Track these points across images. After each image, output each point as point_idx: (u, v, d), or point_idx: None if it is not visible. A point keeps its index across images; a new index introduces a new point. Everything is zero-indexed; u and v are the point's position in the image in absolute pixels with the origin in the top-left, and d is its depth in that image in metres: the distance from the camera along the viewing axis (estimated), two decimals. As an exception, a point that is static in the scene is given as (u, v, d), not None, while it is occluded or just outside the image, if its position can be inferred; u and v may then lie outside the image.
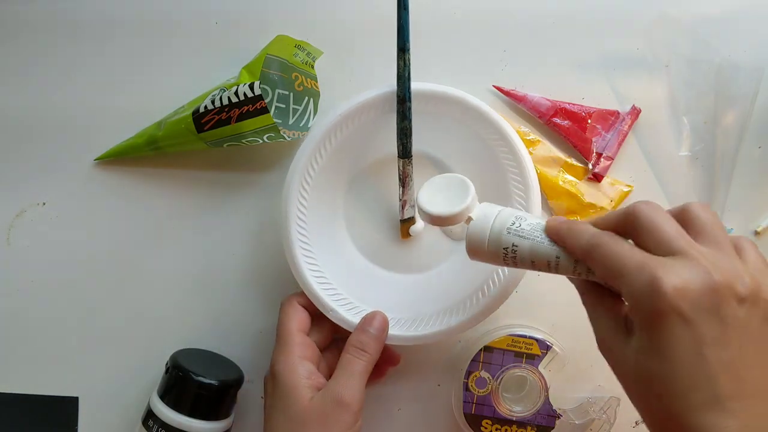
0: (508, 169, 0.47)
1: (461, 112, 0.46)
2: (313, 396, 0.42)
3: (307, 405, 0.42)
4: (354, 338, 0.45)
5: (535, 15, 0.51)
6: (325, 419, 0.41)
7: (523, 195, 0.46)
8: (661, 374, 0.30)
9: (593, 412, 0.48)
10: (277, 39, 0.47)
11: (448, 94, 0.46)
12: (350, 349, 0.44)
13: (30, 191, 0.51)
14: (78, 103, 0.51)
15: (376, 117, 0.46)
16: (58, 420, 0.51)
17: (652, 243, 0.31)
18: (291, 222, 0.46)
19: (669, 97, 0.51)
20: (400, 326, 0.46)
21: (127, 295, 0.51)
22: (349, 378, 0.43)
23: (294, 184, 0.46)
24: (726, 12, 0.51)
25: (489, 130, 0.46)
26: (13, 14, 0.51)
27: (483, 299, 0.46)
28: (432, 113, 0.47)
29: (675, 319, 0.29)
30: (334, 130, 0.46)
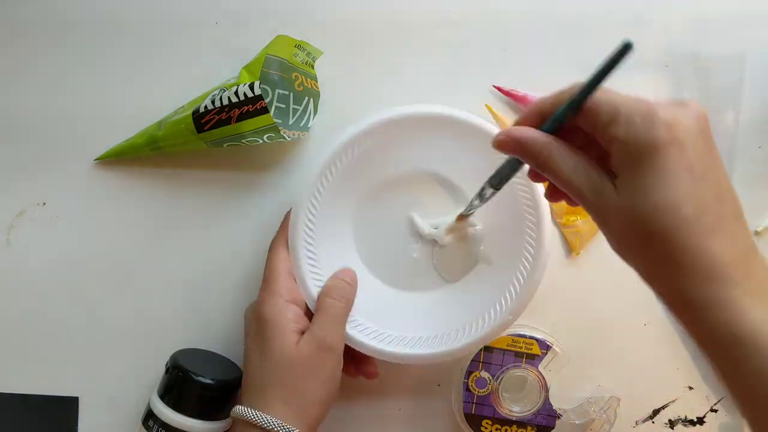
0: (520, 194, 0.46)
1: (464, 132, 0.46)
2: (299, 340, 0.42)
3: (294, 349, 0.41)
4: (332, 285, 0.45)
5: (535, 15, 0.51)
6: (312, 363, 0.41)
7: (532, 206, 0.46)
8: (665, 205, 0.29)
9: (593, 412, 0.48)
10: (277, 39, 0.47)
11: (450, 115, 0.45)
12: (330, 292, 0.44)
13: (30, 191, 0.51)
14: (78, 103, 0.51)
15: (386, 137, 0.46)
16: (58, 420, 0.51)
17: None
18: (299, 240, 0.45)
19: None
20: (404, 345, 0.46)
21: (127, 295, 0.51)
22: (333, 323, 0.43)
23: (303, 203, 0.45)
24: (711, 9, 0.51)
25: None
26: (14, 14, 0.51)
27: (492, 319, 0.46)
28: (436, 134, 0.46)
29: (672, 144, 0.29)
30: (344, 150, 0.45)
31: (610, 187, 0.31)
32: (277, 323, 0.42)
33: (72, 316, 0.51)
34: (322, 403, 0.42)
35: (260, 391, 0.42)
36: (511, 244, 0.47)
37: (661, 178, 0.29)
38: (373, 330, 0.47)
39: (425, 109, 0.45)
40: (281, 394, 0.41)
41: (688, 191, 0.29)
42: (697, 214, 0.29)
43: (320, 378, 0.42)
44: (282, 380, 0.41)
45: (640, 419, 0.51)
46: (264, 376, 0.42)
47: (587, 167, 0.32)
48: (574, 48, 0.51)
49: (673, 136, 0.29)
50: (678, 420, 0.51)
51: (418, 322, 0.48)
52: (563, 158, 0.32)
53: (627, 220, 0.30)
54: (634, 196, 0.30)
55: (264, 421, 0.40)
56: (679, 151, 0.29)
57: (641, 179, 0.30)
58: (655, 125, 0.29)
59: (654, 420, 0.51)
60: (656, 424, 0.51)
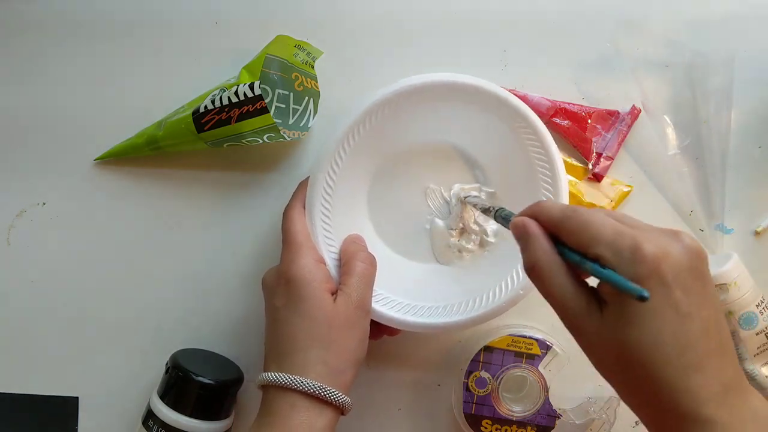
0: (534, 160, 0.46)
1: (488, 103, 0.45)
2: (335, 299, 0.41)
3: (332, 309, 0.41)
4: (357, 249, 0.45)
5: (535, 15, 0.51)
6: (350, 323, 0.41)
7: (550, 180, 0.46)
8: (647, 340, 0.30)
9: (593, 412, 0.48)
10: (277, 39, 0.47)
11: (477, 85, 0.45)
12: (361, 256, 0.44)
13: (30, 191, 0.51)
14: (78, 103, 0.51)
15: (406, 107, 0.45)
16: (58, 420, 0.51)
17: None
18: (316, 207, 0.44)
19: (667, 96, 0.51)
20: (414, 313, 0.46)
21: (127, 295, 0.51)
22: (365, 285, 0.43)
23: (322, 169, 0.44)
24: (710, 10, 0.51)
25: (518, 122, 0.46)
26: (13, 14, 0.51)
27: (503, 294, 0.46)
28: (460, 104, 0.46)
29: (657, 282, 0.29)
30: (364, 118, 0.44)
31: (596, 313, 0.31)
32: (311, 283, 0.41)
33: (72, 316, 0.51)
34: (357, 362, 0.42)
35: (294, 352, 0.40)
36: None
37: (647, 315, 0.29)
38: (390, 299, 0.47)
39: (448, 78, 0.44)
40: (321, 355, 0.40)
41: (671, 329, 0.29)
42: (679, 351, 0.29)
43: (357, 336, 0.42)
44: (322, 339, 0.40)
45: (640, 419, 0.51)
46: (301, 337, 0.40)
47: (577, 290, 0.32)
48: (573, 48, 0.51)
49: (659, 273, 0.29)
50: (678, 420, 0.51)
51: (432, 292, 0.48)
52: (557, 275, 0.32)
53: (609, 349, 0.31)
54: (618, 327, 0.30)
55: (304, 385, 0.39)
56: (664, 289, 0.29)
57: (626, 311, 0.30)
58: (640, 261, 0.29)
59: (654, 420, 0.51)
60: (656, 424, 0.51)
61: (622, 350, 0.30)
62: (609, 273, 0.30)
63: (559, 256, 0.33)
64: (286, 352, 0.41)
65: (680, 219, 0.52)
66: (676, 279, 0.29)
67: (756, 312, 0.48)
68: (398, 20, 0.51)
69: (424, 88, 0.44)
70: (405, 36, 0.51)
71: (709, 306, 0.31)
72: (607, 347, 0.31)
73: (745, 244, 0.52)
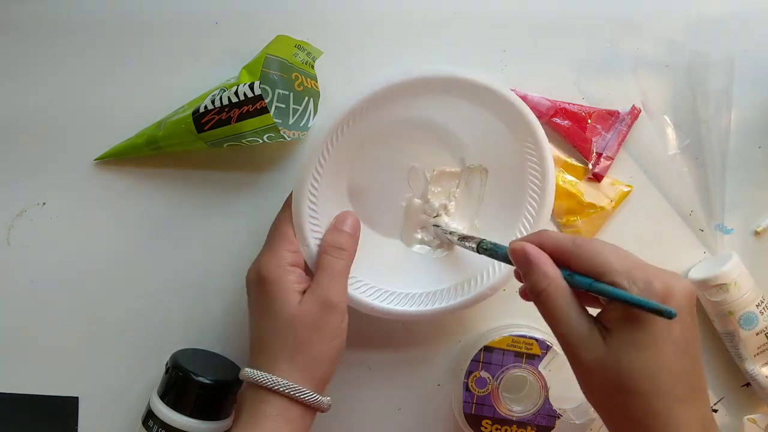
0: (527, 157, 0.46)
1: (484, 98, 0.45)
2: (301, 300, 0.42)
3: (297, 309, 0.41)
4: (330, 238, 0.44)
5: (535, 15, 0.51)
6: (315, 321, 0.41)
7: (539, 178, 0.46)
8: (647, 369, 0.32)
9: (593, 412, 0.48)
10: (277, 39, 0.47)
11: (472, 80, 0.44)
12: (328, 249, 0.44)
13: (30, 191, 0.51)
14: (78, 103, 0.51)
15: (393, 100, 0.44)
16: (58, 420, 0.51)
17: None
18: (303, 200, 0.43)
19: (667, 96, 0.51)
20: (406, 302, 0.46)
21: (126, 295, 0.51)
22: (332, 279, 0.42)
23: (310, 165, 0.43)
24: (700, 11, 0.51)
25: (512, 119, 0.45)
26: (13, 14, 0.51)
27: (489, 279, 0.46)
28: (454, 98, 0.45)
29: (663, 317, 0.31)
30: (350, 116, 0.43)
31: (599, 340, 0.33)
32: (279, 283, 0.42)
33: (72, 316, 0.51)
34: (329, 360, 0.42)
35: (265, 351, 0.42)
36: (515, 194, 0.47)
37: (649, 344, 0.32)
38: (375, 288, 0.47)
39: (434, 72, 0.43)
40: (287, 354, 0.41)
41: (669, 362, 0.32)
42: (673, 383, 0.32)
43: (325, 336, 0.41)
44: (286, 340, 0.41)
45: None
46: (268, 337, 0.42)
47: (581, 316, 0.34)
48: (573, 48, 0.51)
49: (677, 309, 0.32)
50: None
51: (420, 278, 0.48)
52: (562, 301, 0.34)
53: (607, 375, 0.33)
54: (620, 354, 0.32)
55: (270, 382, 0.40)
56: (668, 324, 0.32)
57: (630, 339, 0.32)
58: (652, 295, 0.32)
59: (654, 420, 0.51)
60: (656, 424, 0.51)
61: (620, 377, 0.32)
62: (634, 296, 0.32)
63: (566, 283, 0.34)
64: (258, 350, 0.42)
65: (680, 219, 0.52)
66: (679, 316, 0.32)
67: (756, 312, 0.48)
68: (398, 20, 0.51)
69: (411, 84, 0.42)
70: (405, 36, 0.51)
71: (696, 344, 0.33)
72: (606, 374, 0.33)
73: (745, 244, 0.52)
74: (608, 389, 0.33)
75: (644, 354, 0.32)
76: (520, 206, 0.47)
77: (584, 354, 0.33)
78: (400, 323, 0.51)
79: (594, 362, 0.33)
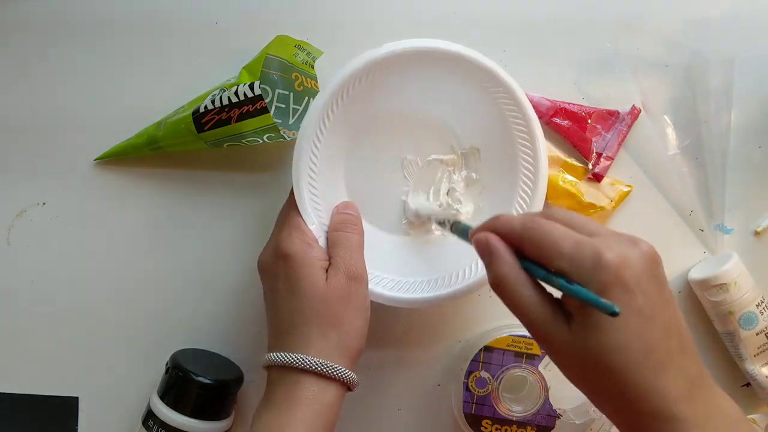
0: (517, 137, 0.47)
1: (470, 72, 0.45)
2: (326, 275, 0.42)
3: (324, 285, 0.41)
4: (339, 218, 0.45)
5: (535, 15, 0.51)
6: (345, 295, 0.41)
7: (531, 154, 0.47)
8: (615, 346, 0.31)
9: (593, 412, 0.48)
10: (277, 39, 0.47)
11: (460, 54, 0.44)
12: (341, 226, 0.44)
13: (30, 191, 0.51)
14: (78, 103, 0.51)
15: (387, 75, 0.45)
16: (58, 420, 0.51)
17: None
18: (303, 180, 0.44)
19: (667, 96, 0.51)
20: (405, 290, 0.46)
21: (126, 295, 0.51)
22: (352, 251, 0.43)
23: (307, 140, 0.44)
24: (700, 11, 0.51)
25: (500, 93, 0.46)
26: (13, 14, 0.51)
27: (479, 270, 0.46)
28: (441, 73, 0.46)
29: (620, 289, 0.30)
30: (346, 86, 0.44)
31: (563, 324, 0.32)
32: (306, 259, 0.41)
33: (72, 316, 0.51)
34: (359, 332, 0.42)
35: (294, 331, 0.41)
36: (509, 168, 0.47)
37: (611, 322, 0.30)
38: (376, 276, 0.46)
39: (427, 44, 0.44)
40: (319, 330, 0.40)
41: (637, 333, 0.31)
42: (645, 353, 0.31)
43: (354, 307, 0.41)
44: (318, 316, 0.40)
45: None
46: (297, 315, 0.41)
47: (543, 303, 0.33)
48: (572, 49, 0.51)
49: (622, 280, 0.30)
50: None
51: (415, 266, 0.48)
52: (522, 289, 0.33)
53: (578, 357, 0.32)
54: (585, 336, 0.31)
55: (305, 362, 0.39)
56: (627, 295, 0.30)
57: (592, 321, 0.31)
58: (603, 269, 0.30)
59: (654, 420, 0.51)
60: (656, 424, 0.51)
61: (590, 358, 0.31)
62: (578, 289, 0.31)
63: (523, 271, 0.33)
64: (287, 331, 0.41)
65: (680, 219, 0.52)
66: (638, 284, 0.31)
67: (756, 312, 0.48)
68: (398, 20, 0.51)
69: (405, 55, 0.44)
70: (405, 36, 0.51)
71: (668, 307, 0.32)
72: (576, 356, 0.32)
73: (745, 244, 0.52)
74: (583, 370, 0.32)
75: (608, 333, 0.31)
76: (516, 179, 0.47)
77: (551, 340, 0.33)
78: (400, 323, 0.51)
79: (563, 346, 0.32)
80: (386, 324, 0.51)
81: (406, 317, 0.51)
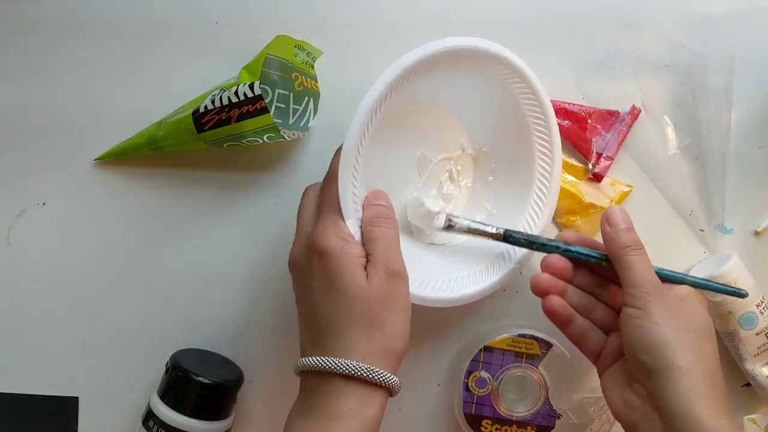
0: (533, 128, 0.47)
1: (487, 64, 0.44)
2: (367, 274, 0.39)
3: (366, 284, 0.38)
4: (373, 211, 0.41)
5: (535, 15, 0.51)
6: (386, 294, 0.38)
7: (548, 145, 0.47)
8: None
9: (593, 412, 0.48)
10: (277, 39, 0.47)
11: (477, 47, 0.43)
12: (375, 221, 0.41)
13: (30, 191, 0.51)
14: (78, 103, 0.51)
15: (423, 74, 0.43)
16: (58, 420, 0.51)
17: None
18: (347, 178, 0.40)
19: (667, 96, 0.51)
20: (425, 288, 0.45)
21: (127, 295, 0.51)
22: (390, 248, 0.40)
23: (354, 139, 0.40)
24: (700, 11, 0.51)
25: (517, 84, 0.46)
26: (13, 14, 0.51)
27: (515, 255, 0.47)
28: (461, 70, 0.45)
29: None
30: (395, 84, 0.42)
31: None
32: (345, 256, 0.38)
33: (72, 316, 0.51)
34: (403, 333, 0.39)
35: (335, 333, 0.38)
36: (524, 168, 0.48)
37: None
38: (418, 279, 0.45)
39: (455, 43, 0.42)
40: (363, 332, 0.37)
41: None
42: None
43: (398, 307, 0.39)
44: (362, 316, 0.37)
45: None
46: (338, 316, 0.38)
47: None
48: (572, 48, 0.51)
49: None
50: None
51: (431, 267, 0.47)
52: None
53: None
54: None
55: (350, 368, 0.36)
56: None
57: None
58: None
59: (654, 420, 0.51)
60: (656, 424, 0.51)
61: None
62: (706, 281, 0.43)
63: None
64: (326, 334, 0.38)
65: (680, 219, 0.52)
66: None
67: (756, 312, 0.48)
68: (398, 20, 0.51)
69: (451, 53, 0.42)
70: (405, 36, 0.51)
71: None
72: None
73: (745, 244, 0.52)
74: None
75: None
76: (531, 180, 0.47)
77: None
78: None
79: None
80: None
81: (406, 317, 0.51)
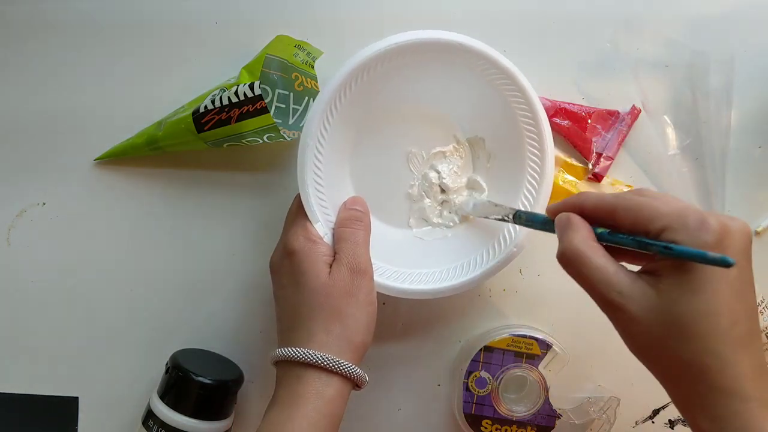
0: (524, 128, 0.46)
1: (476, 63, 0.45)
2: (330, 271, 0.42)
3: (328, 279, 0.41)
4: (346, 215, 0.45)
5: (535, 15, 0.51)
6: (347, 288, 0.41)
7: (537, 144, 0.46)
8: (706, 310, 0.30)
9: (593, 412, 0.48)
10: (277, 39, 0.47)
11: (465, 44, 0.44)
12: (346, 223, 0.44)
13: (30, 191, 0.51)
14: (78, 103, 0.51)
15: (390, 68, 0.45)
16: (58, 420, 0.51)
17: None
18: (308, 176, 0.44)
19: (667, 96, 0.51)
20: (402, 280, 0.46)
21: (126, 295, 0.51)
22: (356, 247, 0.43)
23: (311, 137, 0.44)
24: (700, 11, 0.51)
25: (504, 82, 0.46)
26: (14, 15, 0.51)
27: (512, 238, 0.46)
28: (441, 65, 0.46)
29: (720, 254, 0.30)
30: (350, 80, 0.44)
31: (646, 289, 0.32)
32: (309, 255, 0.42)
33: (72, 316, 0.51)
34: (365, 327, 0.42)
35: (299, 326, 0.41)
36: (515, 155, 0.47)
37: (705, 286, 0.30)
38: (385, 269, 0.46)
39: (432, 36, 0.44)
40: (322, 324, 0.41)
41: (727, 304, 0.30)
42: (732, 324, 0.30)
43: (358, 301, 0.42)
44: (322, 309, 0.41)
45: (640, 419, 0.51)
46: (301, 309, 0.41)
47: (619, 271, 0.33)
48: (573, 48, 0.51)
49: (722, 246, 0.30)
50: (678, 420, 0.51)
51: (424, 259, 0.48)
52: (595, 256, 0.33)
53: (660, 323, 0.31)
54: (679, 298, 0.31)
55: (305, 356, 0.39)
56: None
57: (687, 283, 0.31)
58: (707, 231, 0.30)
59: (654, 420, 0.51)
60: (656, 424, 0.51)
61: (676, 323, 0.31)
62: (681, 247, 0.30)
63: (597, 241, 0.34)
64: (292, 326, 0.42)
65: (680, 219, 0.52)
66: (735, 256, 0.30)
67: (756, 312, 0.48)
68: (398, 20, 0.51)
69: (404, 47, 0.43)
70: (405, 36, 0.51)
71: (752, 289, 0.32)
72: (658, 321, 0.31)
73: (745, 244, 0.52)
74: (664, 337, 0.31)
75: (700, 296, 0.30)
76: (523, 165, 0.47)
77: (631, 306, 0.32)
78: (400, 322, 0.51)
79: (643, 312, 0.32)
80: (386, 324, 0.51)
81: (406, 317, 0.51)
